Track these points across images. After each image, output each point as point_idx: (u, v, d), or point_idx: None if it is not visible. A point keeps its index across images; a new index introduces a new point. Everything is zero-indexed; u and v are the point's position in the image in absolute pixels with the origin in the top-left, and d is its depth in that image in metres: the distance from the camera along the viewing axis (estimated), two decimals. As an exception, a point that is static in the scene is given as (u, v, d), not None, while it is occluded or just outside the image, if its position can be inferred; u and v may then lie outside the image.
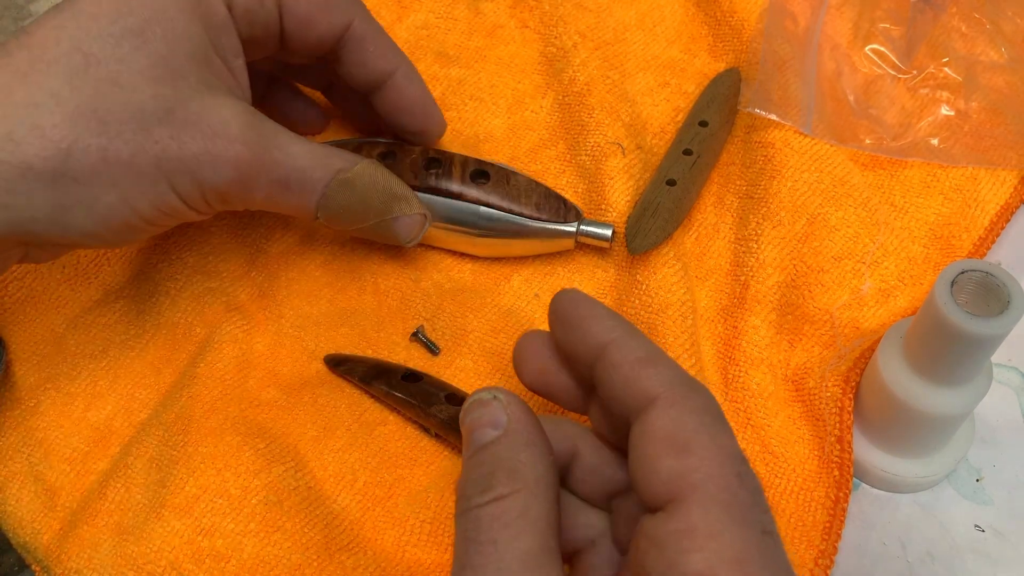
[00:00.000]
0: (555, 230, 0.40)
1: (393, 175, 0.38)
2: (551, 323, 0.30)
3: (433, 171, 0.40)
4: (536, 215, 0.40)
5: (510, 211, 0.39)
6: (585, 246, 0.41)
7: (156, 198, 0.32)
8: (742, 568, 0.22)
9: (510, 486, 0.25)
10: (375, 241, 0.41)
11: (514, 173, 0.41)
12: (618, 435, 0.28)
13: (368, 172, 0.36)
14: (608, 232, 0.40)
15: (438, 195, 0.40)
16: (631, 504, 0.28)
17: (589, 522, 0.29)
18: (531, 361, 0.30)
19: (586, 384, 0.29)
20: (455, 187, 0.40)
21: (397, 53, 0.39)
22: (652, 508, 0.25)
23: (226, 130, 0.32)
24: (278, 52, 0.38)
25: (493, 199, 0.40)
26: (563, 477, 0.29)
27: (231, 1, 0.33)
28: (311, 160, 0.35)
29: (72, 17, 0.31)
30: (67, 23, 0.31)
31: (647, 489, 0.25)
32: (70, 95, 0.30)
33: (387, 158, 0.41)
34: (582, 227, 0.40)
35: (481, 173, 0.40)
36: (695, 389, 0.26)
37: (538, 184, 0.40)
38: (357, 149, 0.41)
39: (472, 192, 0.40)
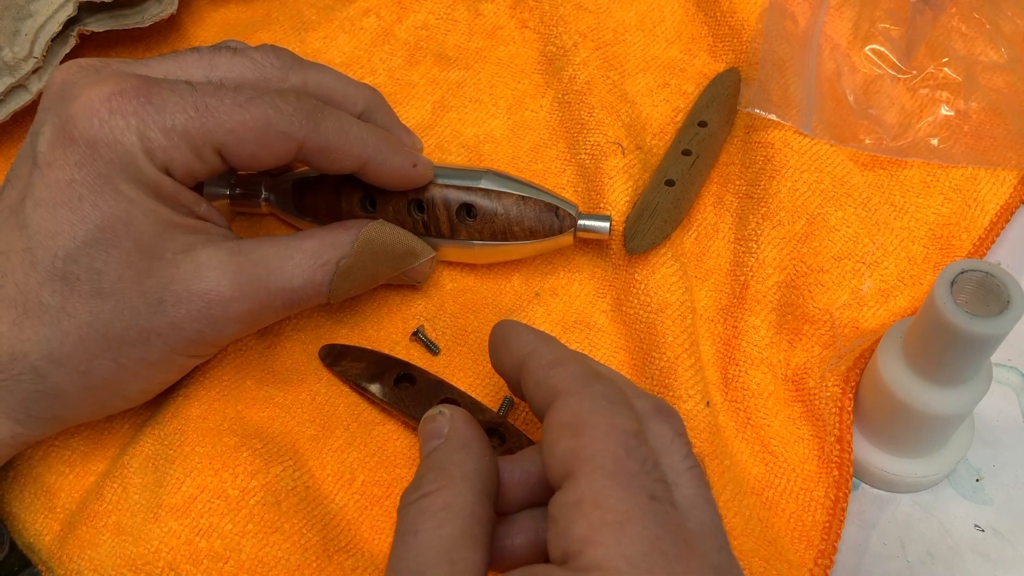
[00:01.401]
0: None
1: (390, 229, 0.37)
2: (489, 354, 0.33)
3: (418, 217, 0.39)
4: (530, 238, 0.39)
5: (504, 239, 0.39)
6: (585, 241, 0.41)
7: (177, 367, 0.34)
8: (622, 529, 0.23)
9: (437, 483, 0.27)
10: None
11: (501, 196, 0.38)
12: None
13: (367, 247, 0.36)
14: (606, 224, 0.39)
15: (427, 235, 0.39)
16: None
17: None
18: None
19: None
20: (444, 230, 0.39)
21: (364, 143, 0.35)
22: (556, 489, 0.26)
23: (219, 292, 0.32)
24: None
25: (485, 234, 0.39)
26: None
27: (171, 167, 0.31)
28: (308, 270, 0.34)
29: (35, 237, 0.30)
30: (32, 245, 0.30)
31: (549, 471, 0.26)
32: (70, 322, 0.31)
33: (367, 204, 0.39)
34: (580, 222, 0.40)
35: (467, 208, 0.39)
36: (595, 380, 0.28)
37: (527, 201, 0.39)
38: (337, 192, 0.39)
39: (462, 231, 0.39)
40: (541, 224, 0.39)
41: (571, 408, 0.27)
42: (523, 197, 0.39)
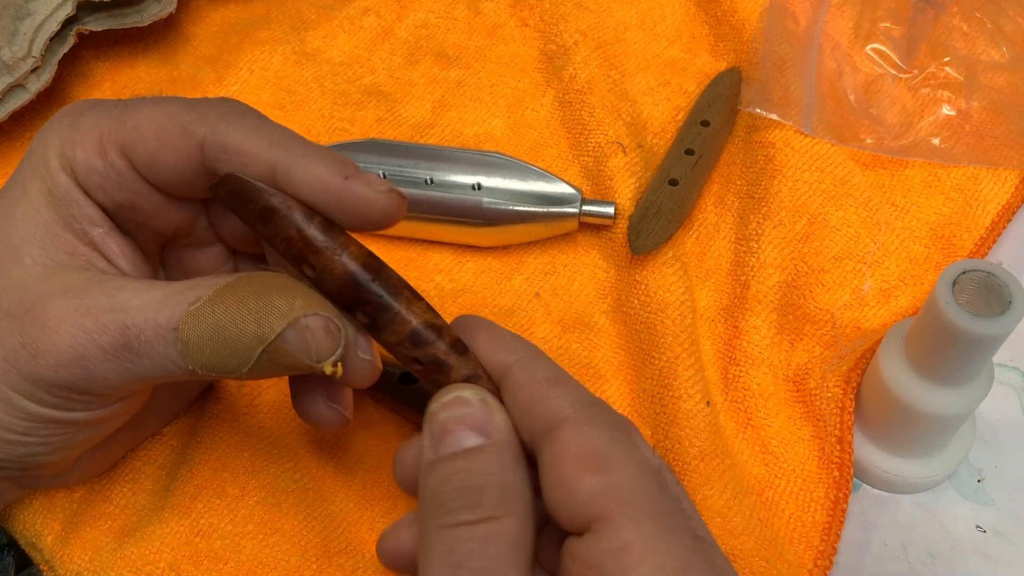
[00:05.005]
0: (559, 212, 0.40)
1: (281, 278, 0.28)
2: None
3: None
4: None
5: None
6: (588, 236, 0.42)
7: (5, 404, 0.28)
8: None
9: (502, 508, 0.24)
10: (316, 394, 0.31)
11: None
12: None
13: (234, 290, 0.27)
14: (610, 210, 0.40)
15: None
16: (549, 527, 0.27)
17: None
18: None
19: None
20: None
21: (275, 144, 0.28)
22: (576, 530, 0.24)
23: (44, 307, 0.27)
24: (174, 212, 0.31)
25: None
26: None
27: (73, 164, 0.28)
28: (155, 305, 0.27)
29: None
30: None
31: (568, 510, 0.24)
32: None
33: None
34: (584, 207, 0.40)
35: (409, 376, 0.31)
36: (602, 407, 0.25)
37: None
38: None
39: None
40: None
41: (587, 438, 0.24)
42: None
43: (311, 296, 0.27)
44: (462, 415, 0.25)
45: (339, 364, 0.27)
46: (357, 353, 0.28)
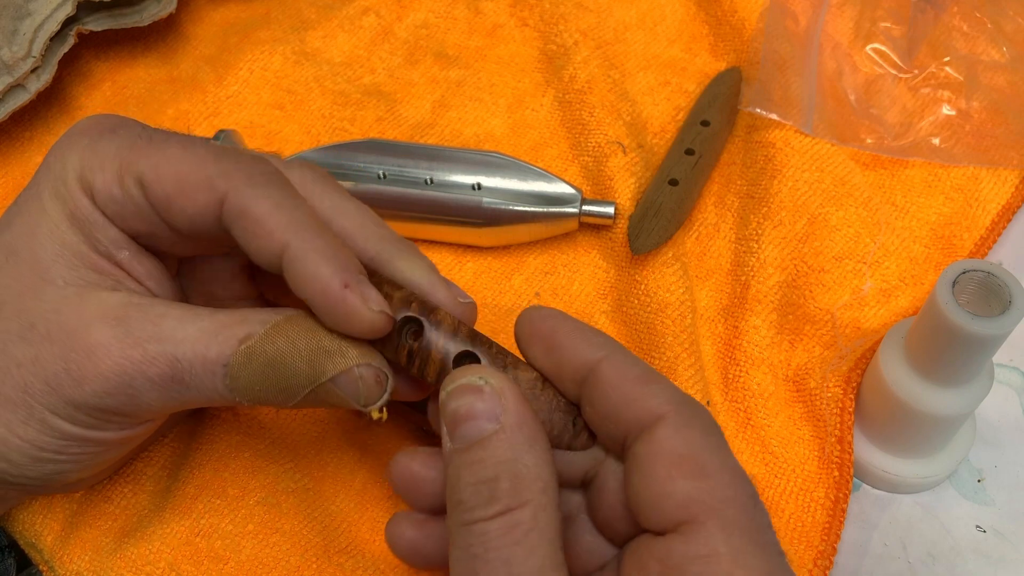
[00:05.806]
0: (559, 212, 0.40)
1: (321, 326, 0.28)
2: (523, 343, 0.28)
3: (409, 343, 0.29)
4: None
5: None
6: (588, 236, 0.42)
7: (41, 425, 0.28)
8: None
9: (517, 497, 0.24)
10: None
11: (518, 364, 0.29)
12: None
13: (284, 330, 0.28)
14: (610, 210, 0.40)
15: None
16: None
17: (598, 549, 0.28)
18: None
19: None
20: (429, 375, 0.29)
21: (289, 228, 0.27)
22: (659, 529, 0.24)
23: (88, 335, 0.27)
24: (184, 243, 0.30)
25: None
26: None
27: (93, 189, 0.28)
28: (202, 341, 0.27)
29: None
30: None
31: (656, 510, 0.24)
32: None
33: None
34: (584, 207, 0.40)
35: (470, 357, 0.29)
36: (698, 408, 0.25)
37: (546, 388, 0.28)
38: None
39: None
40: (551, 425, 0.28)
41: (686, 439, 0.24)
42: (544, 381, 0.28)
43: (362, 344, 0.28)
44: (470, 404, 0.25)
45: (384, 409, 0.28)
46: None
